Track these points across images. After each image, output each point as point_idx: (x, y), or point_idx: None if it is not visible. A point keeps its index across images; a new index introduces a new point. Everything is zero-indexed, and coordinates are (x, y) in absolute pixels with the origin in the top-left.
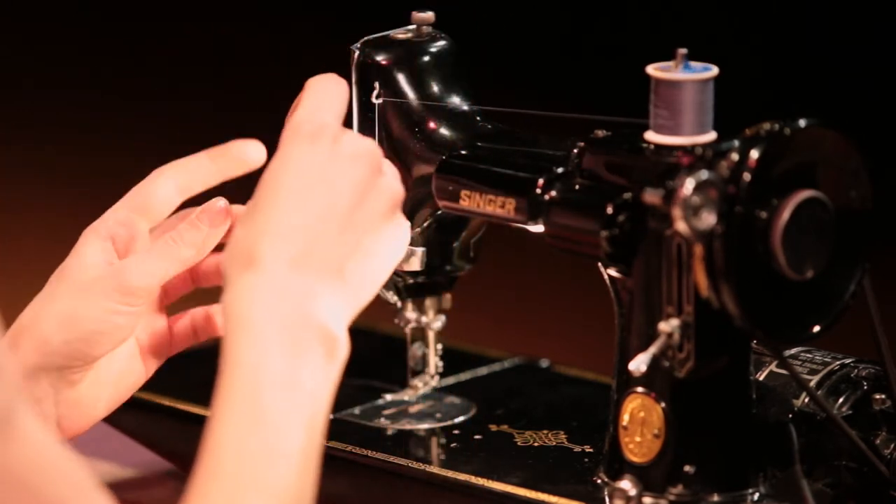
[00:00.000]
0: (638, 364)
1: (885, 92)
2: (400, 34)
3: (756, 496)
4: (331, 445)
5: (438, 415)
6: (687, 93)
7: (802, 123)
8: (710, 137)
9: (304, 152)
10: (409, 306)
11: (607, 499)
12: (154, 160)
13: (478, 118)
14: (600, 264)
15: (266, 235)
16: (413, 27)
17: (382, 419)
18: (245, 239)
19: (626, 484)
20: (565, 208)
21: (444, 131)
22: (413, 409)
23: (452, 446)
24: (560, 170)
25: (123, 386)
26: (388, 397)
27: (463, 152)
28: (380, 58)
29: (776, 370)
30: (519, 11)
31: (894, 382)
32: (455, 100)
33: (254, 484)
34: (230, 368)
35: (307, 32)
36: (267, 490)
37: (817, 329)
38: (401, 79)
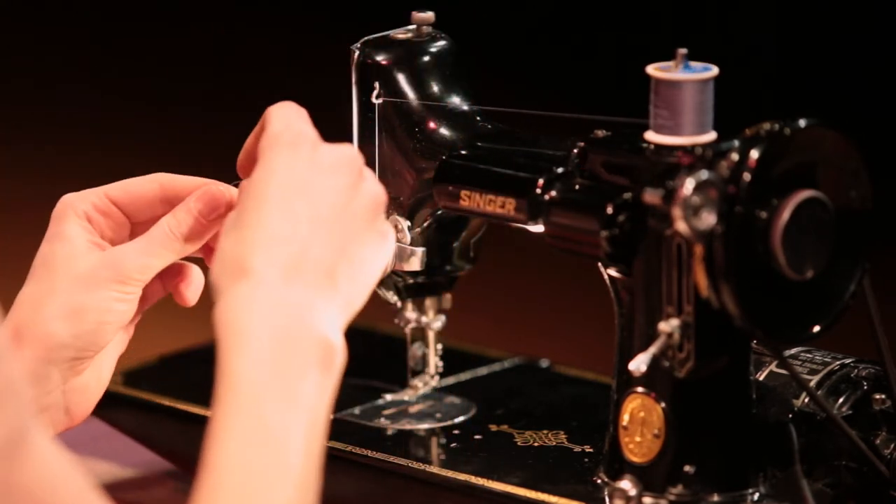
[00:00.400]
0: (638, 364)
1: (885, 92)
2: (400, 34)
3: (756, 496)
4: (331, 445)
5: (438, 415)
6: (687, 93)
7: (802, 123)
8: (710, 137)
9: (286, 161)
10: (409, 306)
11: (607, 499)
12: (154, 160)
13: (478, 118)
14: (600, 264)
15: (256, 245)
16: (413, 27)
17: (382, 419)
18: (233, 250)
19: (626, 484)
20: (565, 208)
21: (444, 131)
22: (413, 409)
23: (452, 446)
24: (560, 170)
25: (116, 356)
26: (388, 397)
27: (463, 152)
28: (380, 58)
29: (776, 370)
30: (519, 11)
31: (894, 382)
32: (455, 100)
33: (256, 501)
34: (228, 382)
35: (307, 32)
36: (264, 501)
37: (817, 329)
38: (401, 79)
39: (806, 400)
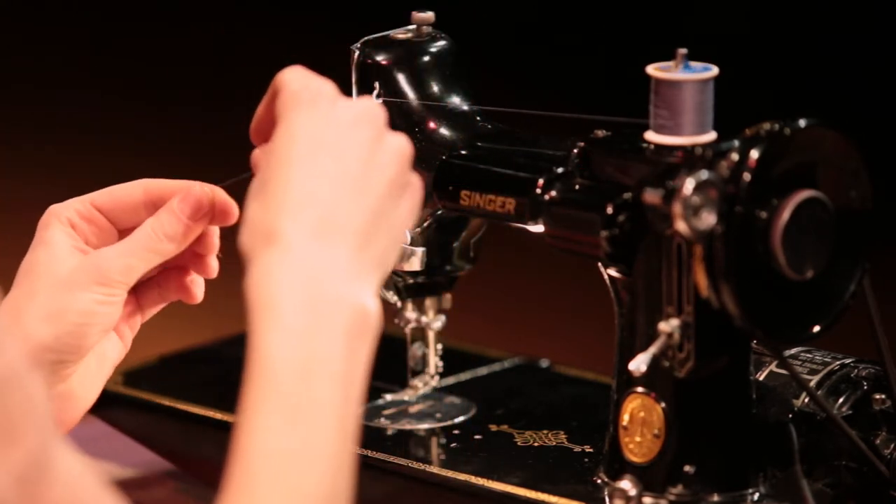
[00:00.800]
0: (638, 364)
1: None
2: (400, 34)
3: (756, 496)
4: None
5: (438, 415)
6: (687, 93)
7: (802, 123)
8: (710, 137)
9: (306, 119)
10: (409, 306)
11: (607, 499)
12: (154, 160)
13: (478, 118)
14: (600, 264)
15: (282, 208)
16: (413, 27)
17: (382, 419)
18: (260, 216)
19: (626, 484)
20: (565, 208)
21: (444, 131)
22: (413, 409)
23: (452, 446)
24: (560, 170)
25: (108, 367)
26: (388, 397)
27: (463, 152)
28: (380, 58)
29: (776, 370)
30: (519, 11)
31: (894, 382)
32: (455, 100)
33: (288, 483)
34: (259, 359)
35: (307, 32)
36: (302, 489)
37: (817, 329)
38: (401, 79)
39: (806, 400)
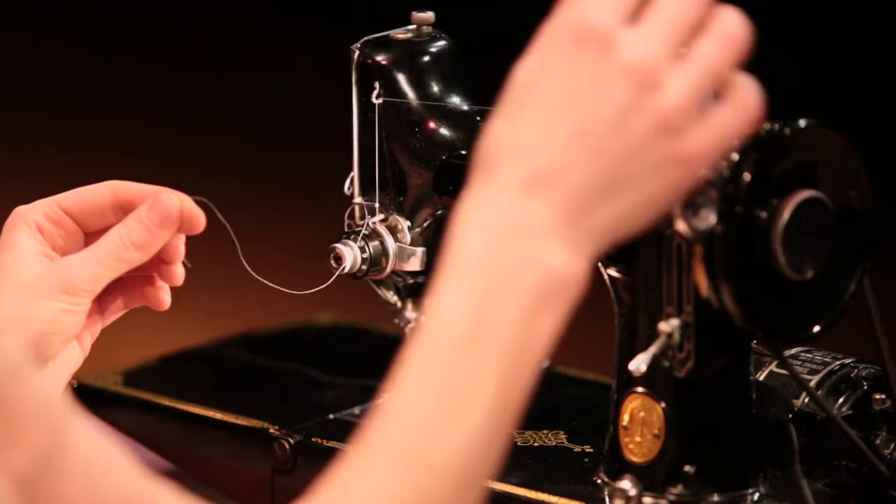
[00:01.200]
0: (638, 364)
1: (885, 92)
2: (400, 34)
3: (756, 496)
4: (331, 445)
5: None
6: None
7: (802, 123)
8: None
9: (564, 60)
10: (409, 306)
11: (607, 499)
12: (154, 160)
13: (478, 118)
14: (600, 264)
15: (507, 145)
16: (413, 27)
17: None
18: (491, 140)
19: (626, 484)
20: None
21: (445, 131)
22: None
23: None
24: None
25: (66, 374)
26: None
27: (463, 152)
28: (380, 58)
29: (776, 370)
30: (519, 11)
31: (894, 382)
32: (455, 100)
33: (418, 448)
34: (431, 312)
35: (307, 32)
36: (431, 458)
37: (817, 329)
38: (401, 79)
39: (806, 400)
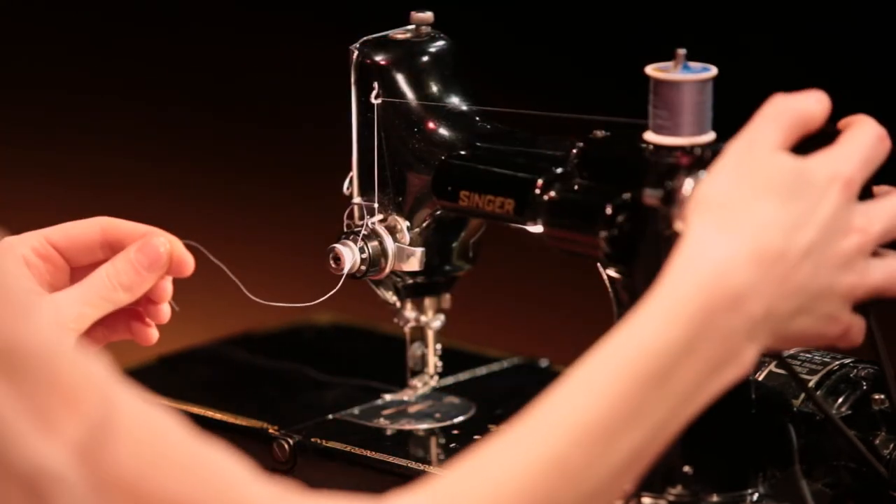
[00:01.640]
0: None
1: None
2: (399, 34)
3: (755, 496)
4: (330, 446)
5: (438, 415)
6: (686, 93)
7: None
8: (710, 138)
9: (821, 193)
10: (409, 306)
11: None
12: (154, 160)
13: (477, 118)
14: (599, 265)
15: (748, 215)
16: (412, 27)
17: (382, 419)
18: (728, 197)
19: None
20: (564, 209)
21: (444, 131)
22: (412, 409)
23: (452, 446)
24: (559, 170)
25: None
26: (388, 397)
27: (462, 152)
28: (379, 58)
29: (776, 370)
30: (519, 11)
31: (892, 383)
32: (454, 100)
33: (566, 464)
34: (635, 329)
35: (307, 32)
36: (575, 479)
37: None
38: (400, 79)
39: (805, 400)
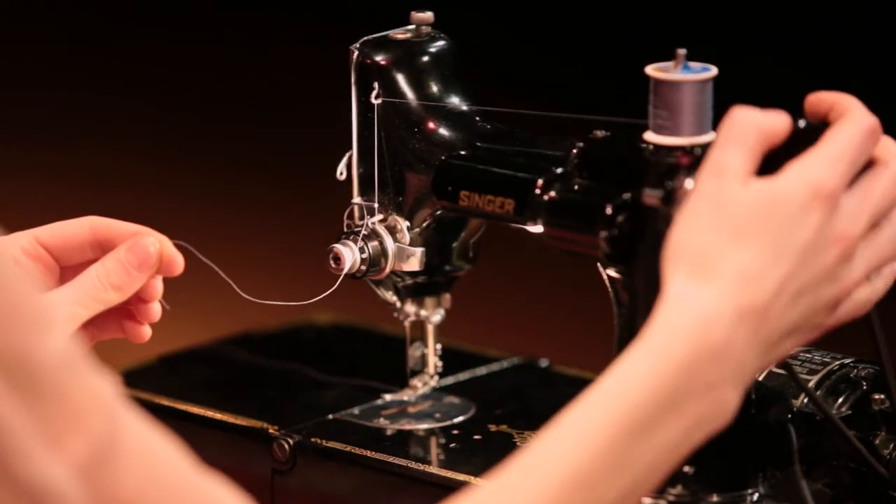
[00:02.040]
0: None
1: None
2: (399, 34)
3: (755, 496)
4: (330, 446)
5: (438, 415)
6: (686, 93)
7: (802, 123)
8: (710, 138)
9: (798, 210)
10: (408, 306)
11: None
12: (154, 160)
13: (477, 118)
14: (600, 265)
15: (730, 266)
16: (412, 27)
17: (382, 419)
18: (705, 246)
19: None
20: (564, 209)
21: (444, 131)
22: (412, 409)
23: (452, 446)
24: (559, 170)
25: None
26: (388, 397)
27: (462, 152)
28: (379, 58)
29: (776, 370)
30: (519, 11)
31: (893, 383)
32: (454, 100)
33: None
34: (613, 380)
35: (307, 32)
36: None
37: None
38: (400, 79)
39: (805, 400)
